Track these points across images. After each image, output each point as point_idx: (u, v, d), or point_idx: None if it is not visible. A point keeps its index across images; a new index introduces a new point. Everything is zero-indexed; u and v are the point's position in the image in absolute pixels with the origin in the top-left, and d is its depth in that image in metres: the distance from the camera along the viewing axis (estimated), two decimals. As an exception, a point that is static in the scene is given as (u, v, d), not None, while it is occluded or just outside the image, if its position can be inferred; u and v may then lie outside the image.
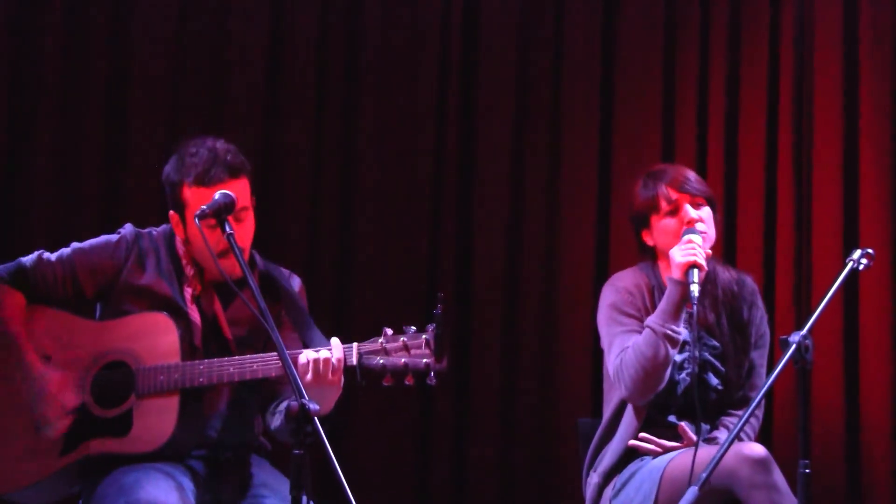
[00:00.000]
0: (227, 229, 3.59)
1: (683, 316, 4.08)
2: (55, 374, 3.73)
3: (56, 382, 3.71)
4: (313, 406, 3.20)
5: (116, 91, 5.69)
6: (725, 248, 5.57)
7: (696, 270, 4.02)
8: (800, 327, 3.55)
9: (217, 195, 3.66)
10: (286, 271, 4.01)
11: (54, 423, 3.70)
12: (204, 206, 3.67)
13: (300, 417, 3.20)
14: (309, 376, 3.59)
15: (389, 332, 3.67)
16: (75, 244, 3.87)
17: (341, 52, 5.82)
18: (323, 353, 3.61)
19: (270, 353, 3.68)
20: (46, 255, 3.84)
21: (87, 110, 5.66)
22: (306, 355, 3.61)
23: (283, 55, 5.80)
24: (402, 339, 3.64)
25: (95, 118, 5.66)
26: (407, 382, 3.64)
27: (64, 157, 5.63)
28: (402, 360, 3.62)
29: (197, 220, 3.64)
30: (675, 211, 4.18)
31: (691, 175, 4.24)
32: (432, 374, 3.61)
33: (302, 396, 3.22)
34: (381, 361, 3.64)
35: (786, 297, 5.52)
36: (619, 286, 4.23)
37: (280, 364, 3.53)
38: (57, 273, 3.81)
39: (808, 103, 5.62)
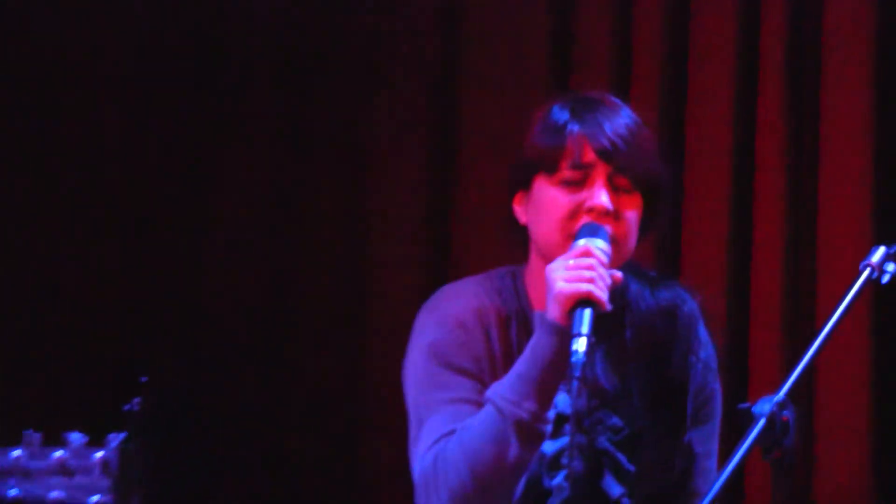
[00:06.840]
0: None
1: (560, 388, 2.32)
2: None
3: None
4: None
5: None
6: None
7: (588, 311, 2.23)
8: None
9: None
10: None
11: None
12: None
13: None
14: None
15: (36, 438, 2.20)
16: None
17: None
18: None
19: None
20: None
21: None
22: None
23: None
24: (57, 453, 2.16)
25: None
26: None
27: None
28: (54, 495, 2.15)
29: None
30: (578, 182, 2.35)
31: (631, 127, 2.38)
32: None
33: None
34: (16, 491, 2.20)
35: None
36: (448, 315, 2.42)
37: None
38: None
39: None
